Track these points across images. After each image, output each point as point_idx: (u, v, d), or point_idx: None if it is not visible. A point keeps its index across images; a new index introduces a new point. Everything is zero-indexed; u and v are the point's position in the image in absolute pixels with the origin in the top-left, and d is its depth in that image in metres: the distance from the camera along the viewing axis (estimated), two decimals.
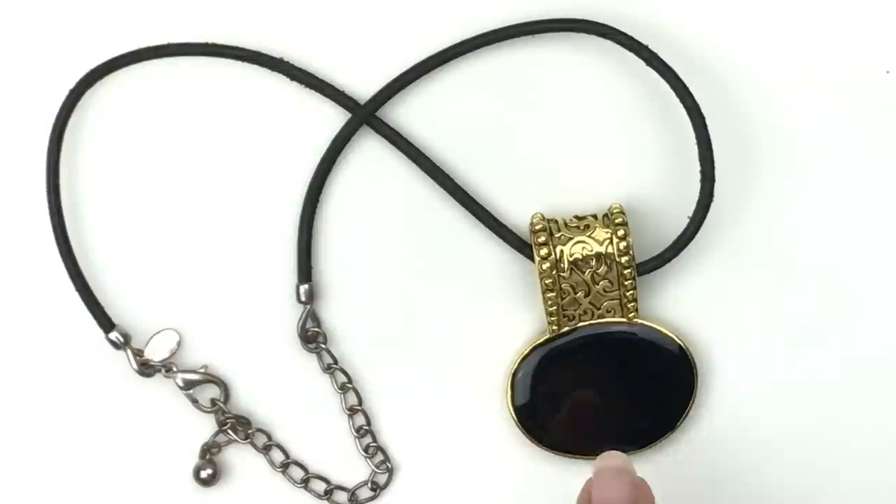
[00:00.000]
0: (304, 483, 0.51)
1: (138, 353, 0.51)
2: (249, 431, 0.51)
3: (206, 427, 0.51)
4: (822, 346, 0.51)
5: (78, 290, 0.50)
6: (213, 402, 0.51)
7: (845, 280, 0.51)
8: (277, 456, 0.51)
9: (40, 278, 0.51)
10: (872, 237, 0.51)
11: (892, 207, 0.51)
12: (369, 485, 0.51)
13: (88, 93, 0.51)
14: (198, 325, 0.51)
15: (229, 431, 0.51)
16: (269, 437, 0.51)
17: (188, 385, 0.51)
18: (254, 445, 0.51)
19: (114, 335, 0.50)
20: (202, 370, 0.51)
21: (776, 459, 0.51)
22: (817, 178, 0.51)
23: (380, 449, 0.51)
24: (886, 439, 0.51)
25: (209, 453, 0.51)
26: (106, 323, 0.50)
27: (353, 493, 0.51)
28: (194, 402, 0.51)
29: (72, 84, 0.50)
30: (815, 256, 0.51)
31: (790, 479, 0.51)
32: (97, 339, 0.50)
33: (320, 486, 0.51)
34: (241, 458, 0.51)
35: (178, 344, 0.51)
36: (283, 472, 0.51)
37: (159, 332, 0.51)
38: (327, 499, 0.51)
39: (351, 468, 0.52)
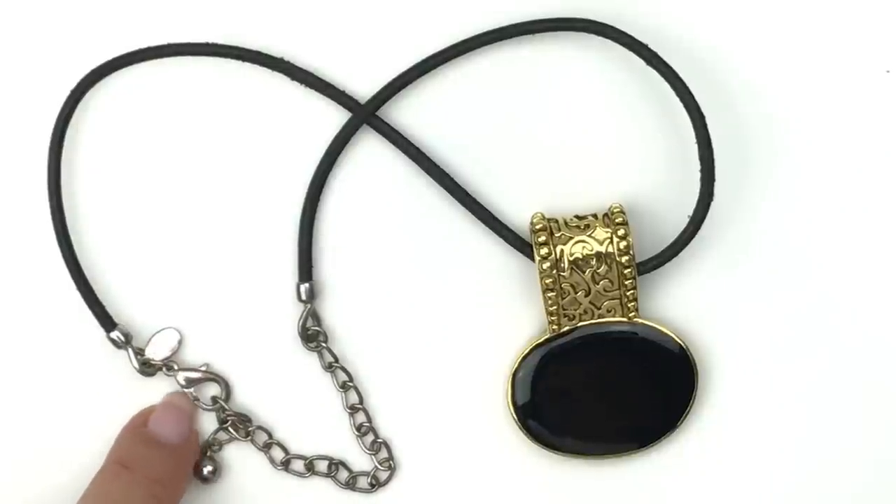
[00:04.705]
0: (309, 469, 0.51)
1: (139, 352, 0.51)
2: (250, 429, 0.51)
3: (206, 425, 0.51)
4: (823, 345, 0.51)
5: (79, 289, 0.50)
6: (214, 400, 0.51)
7: (845, 279, 0.51)
8: (278, 454, 0.51)
9: (42, 278, 0.51)
10: (872, 237, 0.51)
11: (892, 207, 0.51)
12: (369, 479, 0.51)
13: (90, 93, 0.51)
14: (198, 323, 0.51)
15: (230, 429, 0.51)
16: (270, 435, 0.51)
17: (189, 383, 0.51)
18: (254, 443, 0.51)
19: (115, 334, 0.50)
20: (203, 368, 0.51)
21: (776, 459, 0.51)
22: (817, 177, 0.51)
23: (384, 444, 0.51)
24: (886, 438, 0.51)
25: (210, 451, 0.51)
26: (107, 322, 0.50)
27: (353, 477, 0.51)
28: (195, 400, 0.51)
29: (73, 84, 0.50)
30: (815, 256, 0.51)
31: (790, 479, 0.51)
32: (98, 338, 0.50)
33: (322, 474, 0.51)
34: (241, 455, 0.52)
35: (179, 343, 0.51)
36: (286, 469, 0.51)
37: (160, 331, 0.51)
38: (333, 476, 0.51)
39: (351, 467, 0.52)
